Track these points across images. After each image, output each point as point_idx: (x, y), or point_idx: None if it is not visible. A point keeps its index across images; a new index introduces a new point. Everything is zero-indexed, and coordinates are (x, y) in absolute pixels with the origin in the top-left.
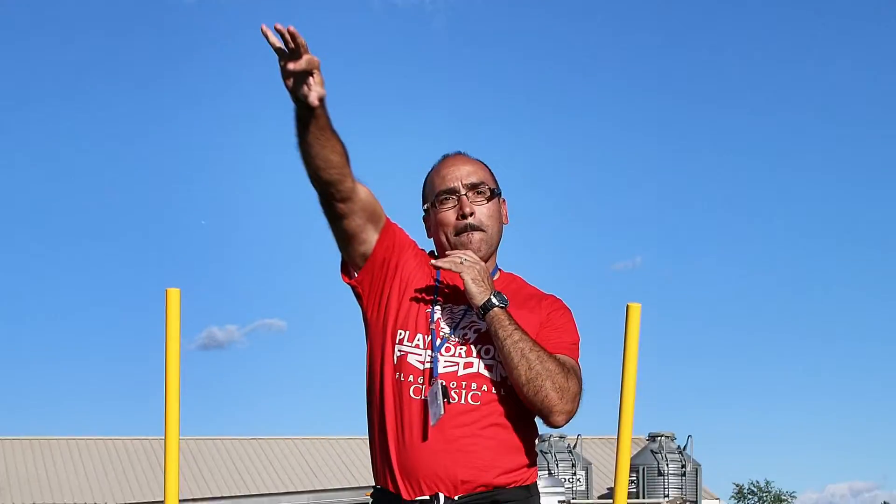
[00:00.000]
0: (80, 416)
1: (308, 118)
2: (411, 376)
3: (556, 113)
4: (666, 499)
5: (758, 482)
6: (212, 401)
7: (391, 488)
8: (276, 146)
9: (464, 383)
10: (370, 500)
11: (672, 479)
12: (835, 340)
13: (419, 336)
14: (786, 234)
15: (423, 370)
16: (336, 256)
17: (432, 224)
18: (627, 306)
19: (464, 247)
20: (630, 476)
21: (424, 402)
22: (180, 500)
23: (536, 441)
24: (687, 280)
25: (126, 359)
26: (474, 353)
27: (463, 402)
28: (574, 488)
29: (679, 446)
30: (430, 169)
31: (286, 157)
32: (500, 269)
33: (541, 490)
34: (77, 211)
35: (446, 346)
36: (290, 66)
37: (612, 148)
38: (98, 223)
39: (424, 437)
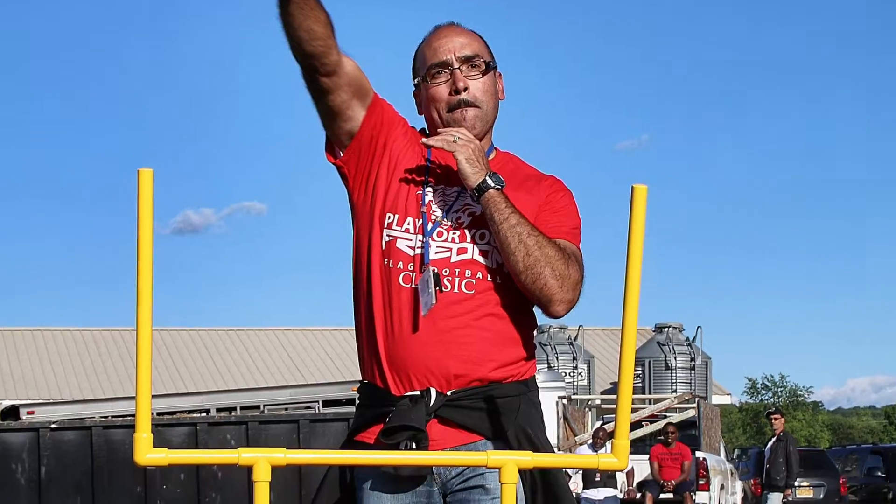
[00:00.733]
0: (45, 306)
1: None
2: (400, 263)
3: None
4: (674, 394)
5: (772, 377)
6: (187, 289)
7: (379, 383)
8: (256, 18)
9: (457, 270)
10: (357, 396)
11: (680, 374)
12: (857, 227)
13: (409, 220)
14: (805, 108)
15: (414, 256)
16: (320, 135)
17: (423, 100)
18: (632, 188)
19: (457, 124)
20: (635, 370)
21: (415, 291)
22: (153, 396)
23: (535, 332)
24: (697, 160)
25: (95, 244)
26: (468, 238)
27: (456, 290)
28: (575, 383)
29: (688, 338)
30: (420, 41)
31: (267, 30)
32: (495, 149)
33: (539, 385)
34: (41, 86)
35: (438, 231)
36: None
37: (616, 16)
38: (65, 99)
39: (415, 329)
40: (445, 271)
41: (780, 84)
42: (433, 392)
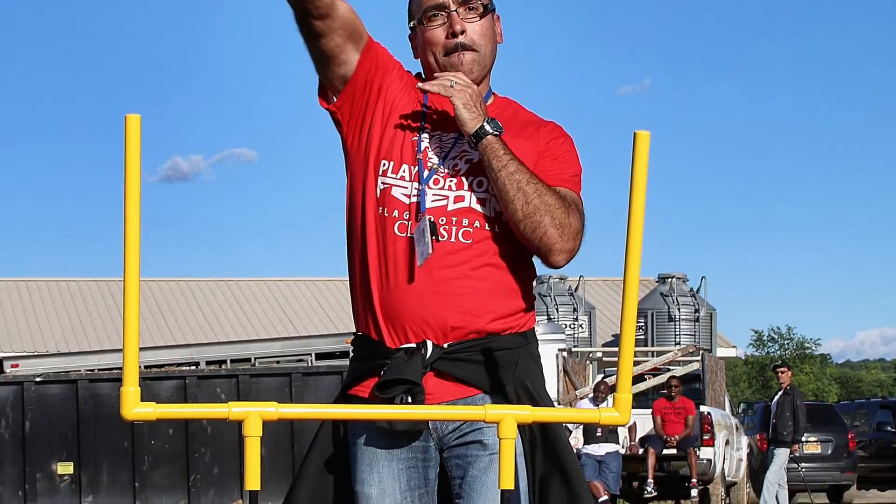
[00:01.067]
0: (29, 256)
1: None
2: (396, 211)
3: None
4: (677, 346)
5: (778, 329)
6: (176, 239)
7: (374, 335)
8: None
9: (454, 219)
10: (350, 348)
11: (684, 325)
12: (868, 175)
13: (405, 167)
14: (813, 49)
15: (409, 205)
16: (312, 79)
17: (419, 44)
18: (634, 134)
19: (454, 68)
20: (638, 322)
21: (410, 240)
22: (140, 349)
23: (534, 283)
24: (701, 105)
25: (81, 192)
26: (465, 186)
27: (453, 239)
28: (576, 335)
29: (692, 289)
30: None
31: None
32: (493, 94)
33: (539, 337)
34: (26, 29)
35: (434, 178)
36: None
37: None
38: (49, 43)
39: (410, 279)
40: (442, 220)
41: (787, 26)
42: (429, 344)
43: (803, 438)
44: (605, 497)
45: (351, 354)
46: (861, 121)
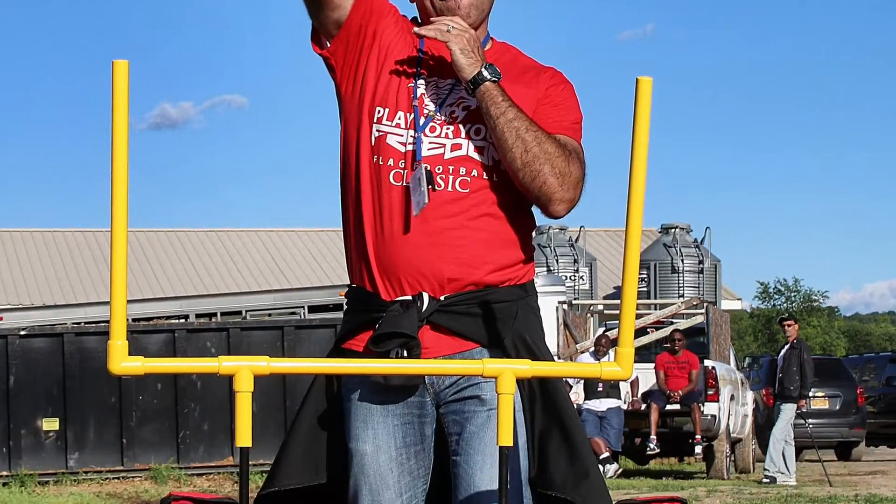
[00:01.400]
0: (13, 206)
1: None
2: (391, 160)
3: None
4: (681, 299)
5: (785, 280)
6: (165, 188)
7: (368, 287)
8: None
9: (451, 168)
10: (344, 301)
11: (688, 277)
12: (877, 122)
13: (400, 114)
14: None
15: (405, 153)
16: (305, 23)
17: None
18: (637, 80)
19: (451, 12)
20: (640, 273)
21: (406, 190)
22: (128, 301)
23: (534, 234)
24: (704, 51)
25: (67, 140)
26: (463, 134)
27: (450, 188)
28: (576, 287)
29: (696, 240)
30: None
31: None
32: (491, 39)
33: (538, 289)
34: None
35: (431, 126)
36: None
37: None
38: None
39: (406, 229)
40: (438, 169)
41: None
42: (425, 297)
43: (810, 394)
44: (606, 454)
45: (345, 307)
46: (871, 64)
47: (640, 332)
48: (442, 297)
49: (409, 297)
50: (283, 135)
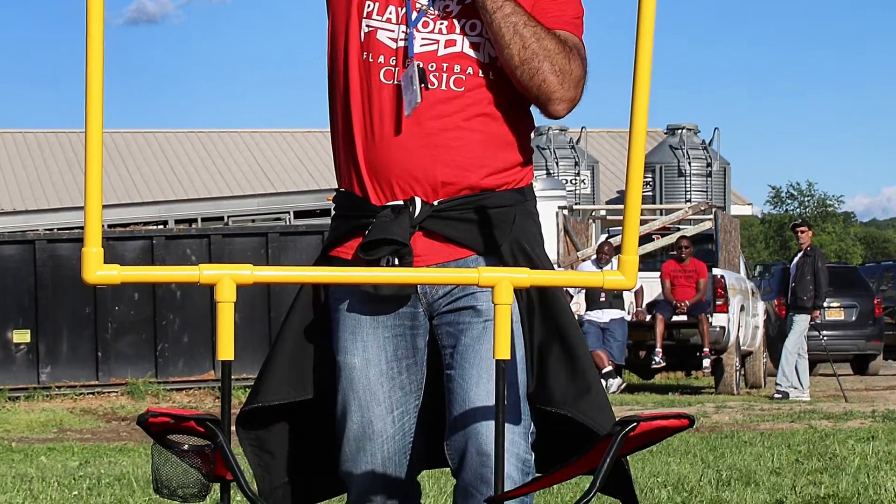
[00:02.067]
0: None
1: None
2: (381, 57)
3: None
4: (688, 204)
5: (798, 184)
6: (142, 87)
7: (357, 191)
8: None
9: (445, 65)
10: (332, 206)
11: (695, 181)
12: (894, 15)
13: (391, 8)
14: None
15: (396, 49)
16: None
17: None
18: None
19: None
20: (645, 177)
21: (397, 88)
22: (104, 206)
23: (532, 135)
24: None
25: (39, 36)
26: (457, 29)
27: (444, 87)
28: (577, 191)
29: (703, 141)
30: None
31: None
32: None
33: (538, 194)
34: None
35: (423, 21)
36: None
37: None
38: None
39: (397, 131)
40: (432, 66)
41: None
42: (418, 202)
43: (825, 304)
44: (608, 367)
45: (332, 212)
46: None
47: (644, 239)
48: (435, 202)
49: (401, 202)
50: (267, 30)
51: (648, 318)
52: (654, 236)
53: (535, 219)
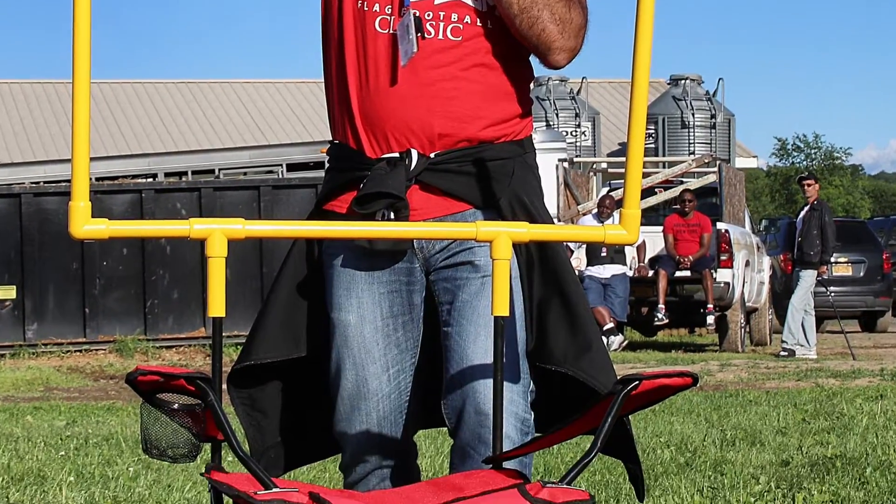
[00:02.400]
0: None
1: None
2: (376, 5)
3: None
4: (691, 156)
5: (804, 136)
6: (131, 36)
7: (352, 143)
8: None
9: (441, 13)
10: (326, 159)
11: (699, 133)
12: None
13: None
14: None
15: None
16: None
17: None
18: None
19: None
20: (648, 128)
21: (393, 38)
22: (92, 158)
23: (532, 86)
24: None
25: None
26: None
27: (441, 36)
28: (578, 143)
29: (707, 92)
30: None
31: None
32: None
33: (537, 146)
34: None
35: None
36: None
37: None
38: None
39: (393, 81)
40: (428, 14)
41: None
42: (414, 154)
43: (832, 259)
44: (610, 324)
45: (326, 165)
46: None
47: (647, 193)
48: (432, 155)
49: (397, 155)
50: None
51: (651, 273)
52: (656, 190)
53: (535, 172)
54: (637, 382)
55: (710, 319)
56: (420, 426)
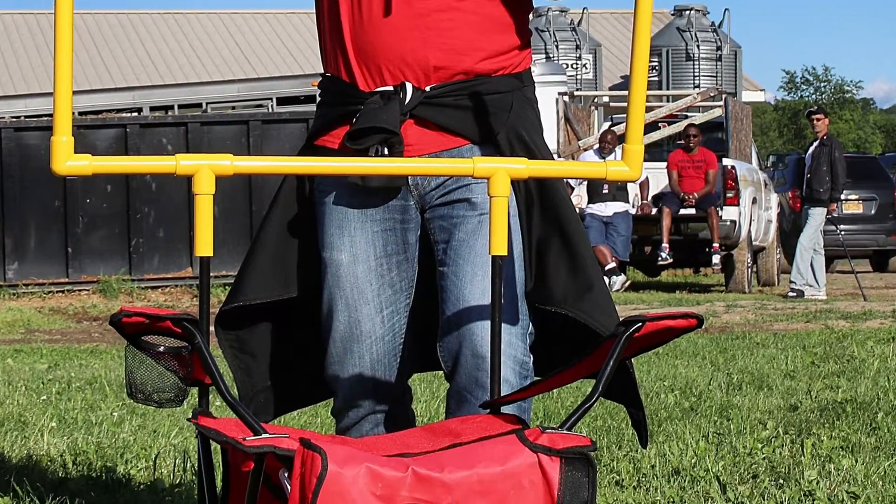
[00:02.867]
0: None
1: None
2: None
3: None
4: (696, 90)
5: (814, 69)
6: None
7: (344, 76)
8: None
9: None
10: (317, 92)
11: (704, 65)
12: None
13: None
14: None
15: None
16: None
17: None
18: None
19: None
20: (651, 60)
21: None
22: (74, 92)
23: (531, 16)
24: None
25: None
26: None
27: None
28: (579, 76)
29: (713, 23)
30: None
31: None
32: None
33: (536, 79)
34: None
35: None
36: None
37: None
38: None
39: (387, 11)
40: None
41: None
42: (409, 87)
43: (842, 196)
44: (612, 264)
45: (318, 99)
46: None
47: (650, 128)
48: (427, 88)
49: (391, 88)
50: None
51: (654, 211)
52: (660, 124)
53: (534, 106)
54: (640, 324)
55: (716, 259)
56: (415, 370)
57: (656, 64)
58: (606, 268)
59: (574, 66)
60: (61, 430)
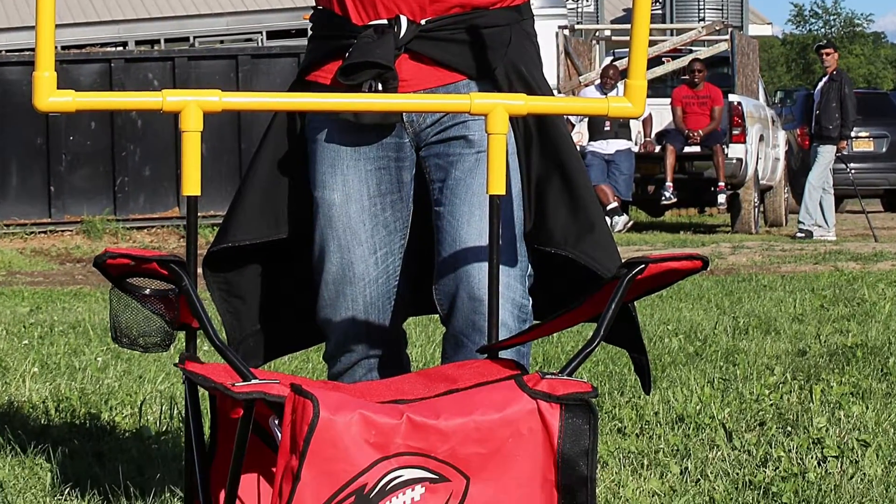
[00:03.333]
0: None
1: None
2: None
3: None
4: (701, 23)
5: (823, 2)
6: None
7: (337, 9)
8: None
9: None
10: (309, 25)
11: None
12: None
13: None
14: None
15: None
16: None
17: None
18: None
19: None
20: None
21: None
22: (57, 25)
23: None
24: None
25: None
26: None
27: None
28: (579, 9)
29: None
30: None
31: None
32: None
33: (535, 12)
34: None
35: None
36: None
37: None
38: None
39: None
40: None
41: None
42: (403, 20)
43: (853, 134)
44: (614, 203)
45: (309, 33)
46: None
47: (653, 62)
48: (422, 21)
49: (385, 21)
50: None
51: (658, 149)
52: (663, 59)
53: (533, 40)
54: (643, 266)
55: (722, 198)
56: (410, 313)
57: None
58: (608, 207)
59: None
60: (44, 375)
